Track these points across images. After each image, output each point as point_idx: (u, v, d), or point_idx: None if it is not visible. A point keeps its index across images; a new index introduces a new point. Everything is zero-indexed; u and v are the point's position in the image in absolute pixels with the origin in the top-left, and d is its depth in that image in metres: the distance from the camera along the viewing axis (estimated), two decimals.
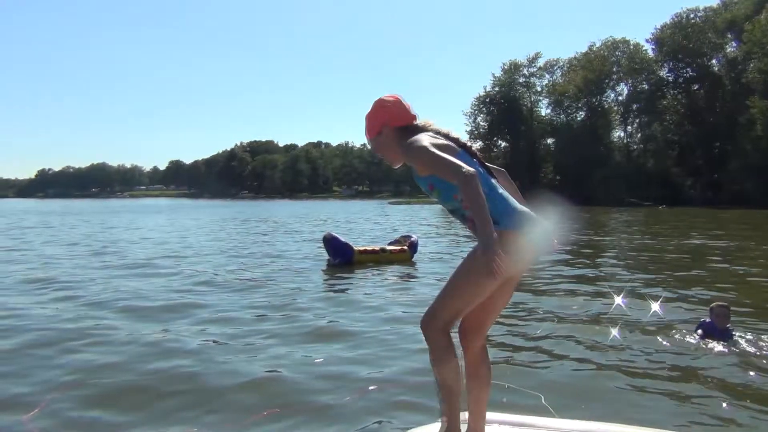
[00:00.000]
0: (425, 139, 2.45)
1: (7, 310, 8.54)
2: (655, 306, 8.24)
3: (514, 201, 2.49)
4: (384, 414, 4.53)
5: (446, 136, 2.57)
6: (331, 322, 7.84)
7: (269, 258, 15.64)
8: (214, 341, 6.84)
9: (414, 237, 15.17)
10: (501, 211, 2.39)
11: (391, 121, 2.61)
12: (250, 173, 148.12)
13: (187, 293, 10.14)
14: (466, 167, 2.28)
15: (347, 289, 10.69)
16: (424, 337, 2.40)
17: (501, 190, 2.50)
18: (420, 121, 2.65)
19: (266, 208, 61.19)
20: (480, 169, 2.51)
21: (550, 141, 71.30)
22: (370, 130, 2.65)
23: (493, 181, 2.54)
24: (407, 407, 4.59)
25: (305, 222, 34.48)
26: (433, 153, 2.38)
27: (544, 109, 72.67)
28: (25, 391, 5.09)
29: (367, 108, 2.69)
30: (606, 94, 66.68)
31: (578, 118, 67.71)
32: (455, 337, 2.56)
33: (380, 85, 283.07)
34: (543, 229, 2.46)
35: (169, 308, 8.81)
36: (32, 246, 19.81)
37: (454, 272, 2.43)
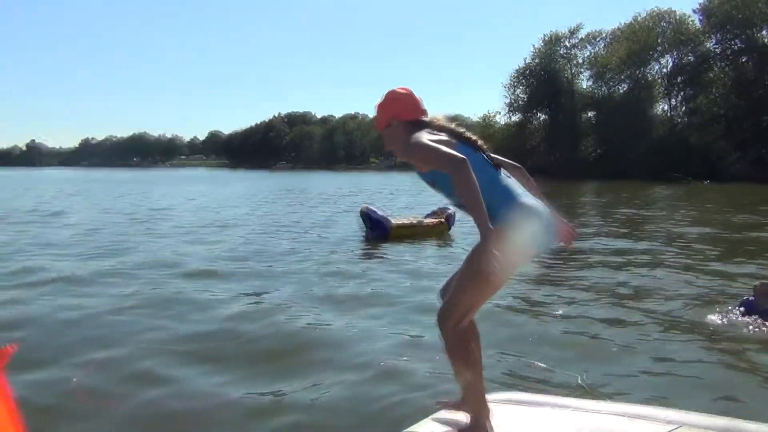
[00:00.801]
0: (422, 136, 2.46)
1: (95, 274, 8.94)
2: (699, 281, 8.21)
3: (519, 192, 2.45)
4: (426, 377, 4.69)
5: (451, 132, 2.56)
6: (371, 290, 8.03)
7: (307, 229, 15.87)
8: (259, 304, 7.12)
9: (451, 209, 14.86)
10: (502, 202, 2.38)
11: (400, 115, 2.60)
12: (288, 144, 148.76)
13: (228, 261, 10.48)
14: (456, 154, 2.29)
15: (385, 261, 10.84)
16: (439, 330, 2.42)
17: (506, 182, 2.47)
18: (428, 117, 2.64)
19: (303, 180, 61.57)
20: (483, 158, 2.49)
21: (590, 114, 69.92)
22: (379, 122, 2.66)
23: (503, 173, 2.51)
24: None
25: (342, 194, 34.70)
26: (427, 145, 2.39)
27: (584, 82, 71.15)
28: (117, 354, 5.41)
29: (405, 81, 2.63)
30: (650, 67, 64.93)
31: (620, 91, 66.17)
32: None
33: (418, 57, 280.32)
34: (547, 222, 2.44)
35: (215, 274, 9.16)
36: (99, 216, 20.46)
37: (462, 268, 2.44)
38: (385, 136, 2.64)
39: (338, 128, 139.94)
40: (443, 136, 2.49)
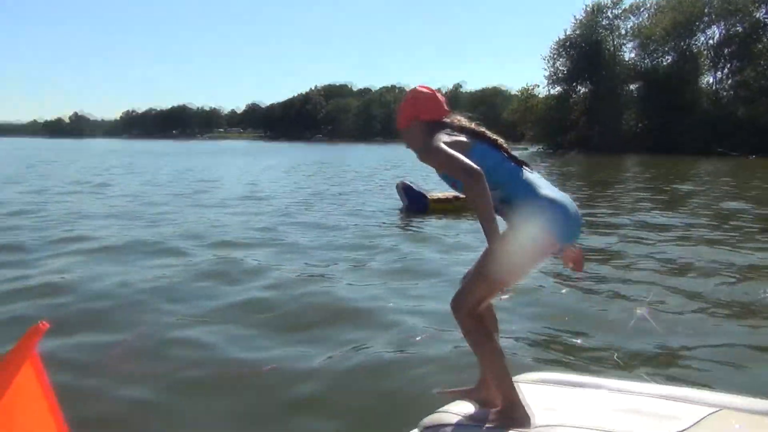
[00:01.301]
0: (441, 138, 2.45)
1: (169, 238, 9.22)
2: (742, 259, 8.05)
3: (542, 185, 2.46)
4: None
5: (472, 132, 2.55)
6: (407, 264, 8.06)
7: (344, 202, 15.97)
8: (295, 275, 7.25)
9: None
10: (524, 195, 2.40)
11: (421, 115, 2.59)
12: (325, 117, 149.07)
13: (265, 232, 10.68)
14: (471, 165, 2.30)
15: (421, 236, 10.85)
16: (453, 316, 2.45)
17: (528, 177, 2.47)
18: (450, 117, 2.62)
19: (340, 153, 61.78)
20: (503, 156, 2.51)
21: (633, 87, 68.29)
22: (400, 121, 2.64)
23: (525, 169, 2.51)
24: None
25: (378, 168, 34.75)
26: (444, 151, 2.39)
27: (628, 53, 69.42)
28: (156, 321, 5.60)
29: (447, 51, 2.54)
30: (695, 38, 62.97)
31: (664, 63, 64.45)
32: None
33: (456, 28, 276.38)
34: (574, 213, 2.42)
35: (252, 245, 9.35)
36: (144, 188, 20.94)
37: (478, 261, 2.44)
38: (405, 136, 2.64)
39: (375, 101, 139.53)
40: (462, 137, 2.49)
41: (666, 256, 8.56)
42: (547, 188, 2.44)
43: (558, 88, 69.34)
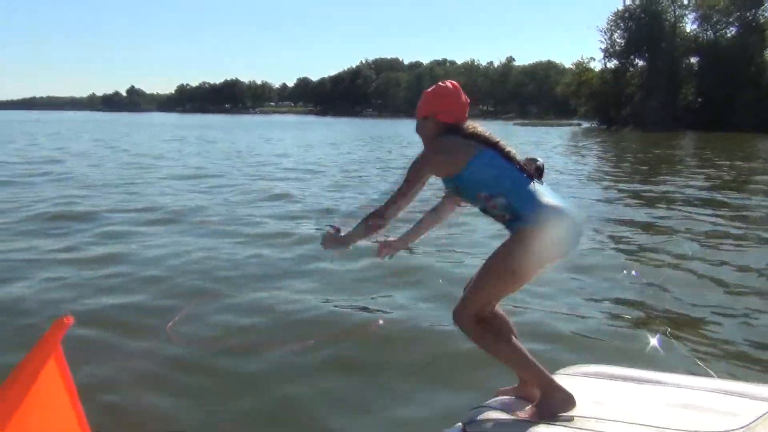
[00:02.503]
0: (447, 142, 2.55)
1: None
2: None
3: (546, 194, 2.47)
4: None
5: (484, 140, 2.56)
6: (455, 239, 8.07)
7: (398, 176, 16.08)
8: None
9: (540, 161, 14.57)
10: (527, 205, 2.41)
11: (439, 113, 2.61)
12: (374, 91, 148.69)
13: (321, 203, 11.16)
14: (409, 189, 2.60)
15: (466, 212, 10.75)
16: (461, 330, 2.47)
17: (533, 186, 2.48)
18: (465, 122, 2.63)
19: (390, 127, 61.59)
20: (510, 166, 2.53)
21: (693, 60, 65.97)
22: (419, 110, 2.66)
23: (535, 182, 2.52)
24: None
25: None
26: (422, 164, 2.59)
27: (689, 25, 66.98)
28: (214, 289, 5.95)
29: (498, 24, 2.47)
30: (762, 8, 60.31)
31: (728, 35, 62.01)
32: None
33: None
34: (579, 221, 2.46)
35: (308, 216, 9.82)
36: (204, 161, 21.55)
37: (484, 266, 2.46)
38: (419, 126, 2.70)
39: (426, 75, 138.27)
40: (471, 142, 2.54)
41: (721, 239, 8.35)
42: (551, 197, 2.46)
43: (614, 62, 67.59)
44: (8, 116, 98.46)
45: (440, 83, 2.70)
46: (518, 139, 40.67)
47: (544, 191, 2.48)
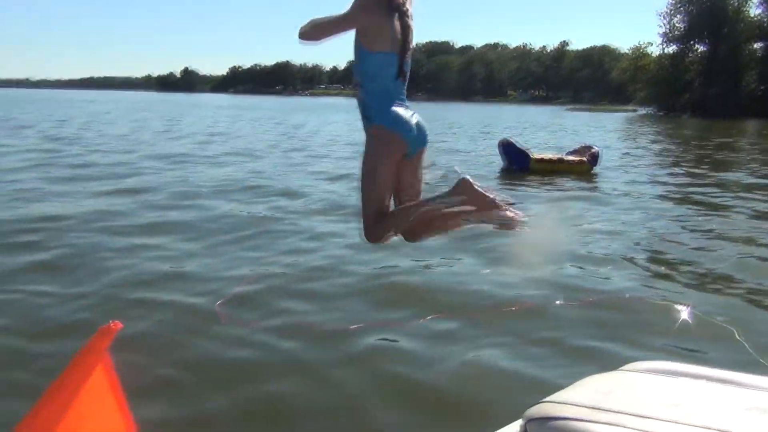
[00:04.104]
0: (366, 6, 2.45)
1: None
2: None
3: (396, 102, 2.56)
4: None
5: (400, 14, 2.54)
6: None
7: (450, 159, 15.74)
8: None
9: (596, 148, 14.17)
10: (378, 108, 2.51)
11: None
12: (425, 75, 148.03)
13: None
14: (356, 14, 2.43)
15: (521, 196, 10.55)
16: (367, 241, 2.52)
17: (393, 89, 2.56)
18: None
19: (441, 111, 61.07)
20: (397, 62, 2.59)
21: (757, 46, 63.70)
22: None
23: (400, 84, 2.58)
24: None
25: (479, 125, 34.45)
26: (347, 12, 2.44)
27: (754, 9, 64.63)
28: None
29: (552, 7, 2.51)
30: None
31: None
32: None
33: None
34: (413, 126, 2.59)
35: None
36: (256, 144, 22.19)
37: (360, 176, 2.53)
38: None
39: (477, 59, 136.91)
40: (384, 12, 2.48)
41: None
42: (398, 106, 2.54)
43: (673, 47, 65.94)
44: (70, 95, 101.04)
45: None
46: (572, 123, 39.87)
47: (395, 96, 2.57)
